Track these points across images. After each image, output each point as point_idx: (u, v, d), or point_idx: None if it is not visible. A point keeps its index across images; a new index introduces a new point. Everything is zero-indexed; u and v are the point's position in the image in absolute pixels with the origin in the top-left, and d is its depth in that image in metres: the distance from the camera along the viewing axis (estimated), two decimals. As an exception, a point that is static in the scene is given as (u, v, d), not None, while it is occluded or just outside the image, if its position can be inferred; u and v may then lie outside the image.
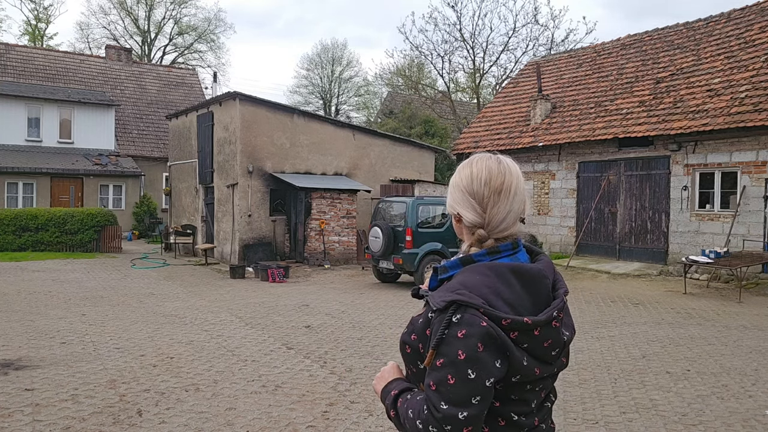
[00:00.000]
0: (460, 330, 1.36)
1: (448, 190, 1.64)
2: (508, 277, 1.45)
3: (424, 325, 1.46)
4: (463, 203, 1.58)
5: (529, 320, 1.39)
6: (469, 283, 1.43)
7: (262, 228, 16.23)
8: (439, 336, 1.37)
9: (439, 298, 1.43)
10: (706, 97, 14.41)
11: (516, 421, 1.48)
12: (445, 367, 1.36)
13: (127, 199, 25.05)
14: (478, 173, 1.57)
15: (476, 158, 1.61)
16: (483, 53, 31.74)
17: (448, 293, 1.42)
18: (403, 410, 1.46)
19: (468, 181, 1.58)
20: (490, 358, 1.36)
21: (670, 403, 5.30)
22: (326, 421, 4.81)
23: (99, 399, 5.22)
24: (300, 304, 10.28)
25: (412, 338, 1.50)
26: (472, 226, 1.56)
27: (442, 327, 1.37)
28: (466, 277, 1.46)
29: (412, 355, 1.51)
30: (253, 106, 16.13)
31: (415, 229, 12.33)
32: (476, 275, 1.45)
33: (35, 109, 24.79)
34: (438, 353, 1.37)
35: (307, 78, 45.48)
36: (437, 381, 1.37)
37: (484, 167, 1.57)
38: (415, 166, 19.32)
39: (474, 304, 1.37)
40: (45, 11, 45.69)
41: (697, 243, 13.89)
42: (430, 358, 1.38)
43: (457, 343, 1.35)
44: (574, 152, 16.99)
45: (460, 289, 1.41)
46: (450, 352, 1.35)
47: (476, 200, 1.55)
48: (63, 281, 12.51)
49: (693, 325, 8.80)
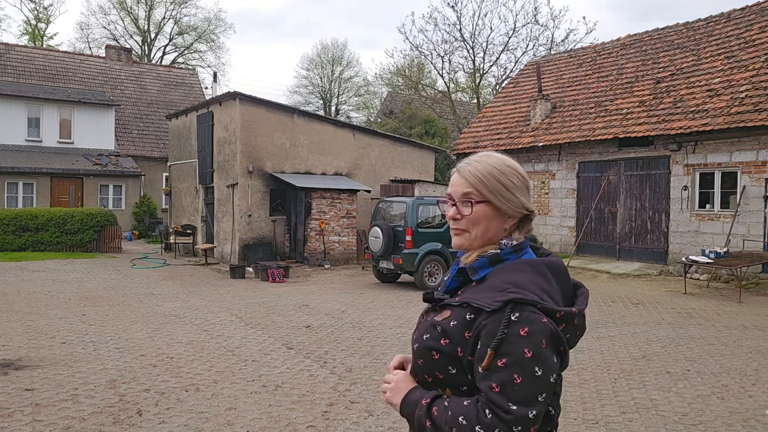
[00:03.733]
0: (522, 328, 1.34)
1: (468, 177, 1.54)
2: (544, 271, 1.46)
3: (461, 328, 1.41)
4: (514, 188, 1.53)
5: (576, 310, 1.43)
6: (517, 281, 1.42)
7: (262, 228, 16.23)
8: (500, 336, 1.34)
9: (489, 298, 1.39)
10: (706, 97, 14.41)
11: (552, 416, 1.48)
12: (509, 367, 1.33)
13: (127, 199, 25.05)
14: (511, 163, 1.56)
15: (491, 153, 1.59)
16: (483, 53, 31.77)
17: (497, 293, 1.39)
18: (446, 418, 1.37)
19: (506, 170, 1.54)
20: (551, 354, 1.36)
21: (670, 403, 5.30)
22: (326, 421, 4.81)
23: (99, 399, 5.22)
24: (300, 304, 10.28)
25: (442, 343, 1.43)
26: (521, 212, 1.54)
27: (501, 327, 1.34)
28: (510, 276, 1.44)
29: (441, 361, 1.44)
30: (253, 106, 16.13)
31: (415, 229, 12.33)
32: (517, 273, 1.44)
33: (35, 109, 24.79)
34: (499, 354, 1.33)
35: (307, 78, 45.53)
36: (501, 382, 1.33)
37: (509, 160, 1.58)
38: (415, 166, 19.32)
39: (531, 301, 1.37)
40: (45, 11, 45.69)
41: (697, 243, 13.89)
42: (489, 360, 1.34)
43: (522, 341, 1.34)
44: (574, 152, 17.00)
45: (510, 288, 1.39)
46: (514, 351, 1.33)
47: (525, 187, 1.56)
48: (63, 281, 12.50)
49: (693, 325, 8.80)
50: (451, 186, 1.59)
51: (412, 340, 1.56)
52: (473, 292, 1.46)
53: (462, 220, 1.54)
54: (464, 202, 1.53)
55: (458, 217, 1.54)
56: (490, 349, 1.34)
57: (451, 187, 1.58)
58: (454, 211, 1.55)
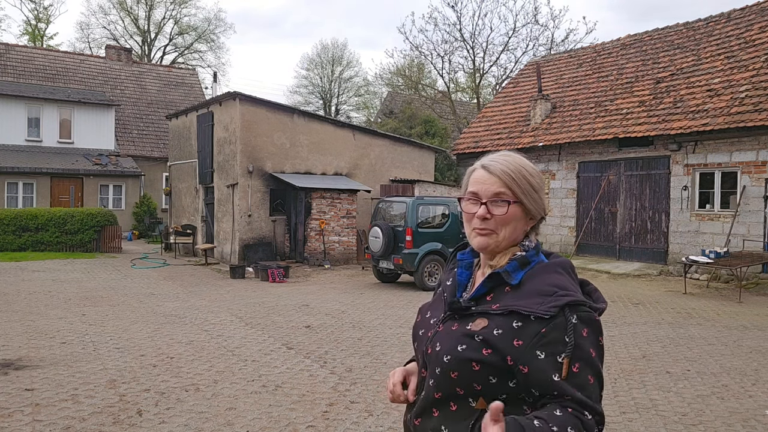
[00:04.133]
0: (583, 330, 1.34)
1: (501, 175, 1.49)
2: (570, 271, 1.47)
3: (509, 336, 1.36)
4: (540, 190, 1.53)
5: (605, 305, 1.45)
6: (560, 283, 1.41)
7: (262, 228, 16.23)
8: (571, 343, 1.32)
9: (539, 305, 1.36)
10: (706, 97, 14.42)
11: None
12: (583, 370, 1.33)
13: (127, 199, 25.05)
14: (532, 164, 1.56)
15: (512, 152, 1.58)
16: (483, 53, 31.75)
17: (545, 298, 1.37)
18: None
19: (534, 171, 1.53)
20: (603, 348, 1.39)
21: (670, 403, 5.30)
22: (326, 421, 4.81)
23: (99, 399, 5.22)
24: (300, 304, 10.28)
25: (484, 354, 1.37)
26: (541, 214, 1.54)
27: (569, 332, 1.33)
28: (550, 278, 1.42)
29: (482, 372, 1.38)
30: (253, 106, 16.13)
31: (415, 229, 12.33)
32: (555, 275, 1.43)
33: (35, 109, 24.78)
34: (572, 359, 1.32)
35: (307, 78, 45.50)
36: (580, 386, 1.32)
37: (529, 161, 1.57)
38: (415, 166, 19.32)
39: (584, 301, 1.37)
40: (45, 11, 45.67)
41: (697, 243, 13.89)
42: (567, 368, 1.32)
43: (586, 343, 1.34)
44: (574, 152, 17.00)
45: (559, 291, 1.38)
46: (583, 354, 1.33)
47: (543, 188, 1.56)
48: (63, 281, 12.50)
49: (693, 325, 8.80)
50: (479, 184, 1.50)
51: (432, 352, 1.47)
52: (514, 298, 1.41)
53: (491, 220, 1.47)
54: (497, 201, 1.47)
55: (488, 217, 1.47)
56: (564, 358, 1.32)
57: (479, 185, 1.50)
58: (484, 210, 1.47)
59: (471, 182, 1.53)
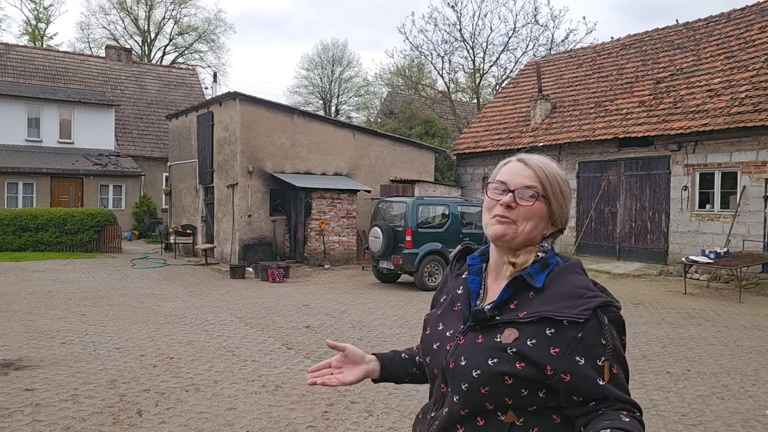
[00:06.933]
0: (612, 329, 1.34)
1: (537, 170, 1.47)
2: (585, 272, 1.46)
3: (545, 345, 1.32)
4: (568, 199, 1.51)
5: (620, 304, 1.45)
6: (585, 285, 1.39)
7: (262, 228, 16.23)
8: (609, 345, 1.31)
9: (570, 308, 1.33)
10: (706, 97, 14.42)
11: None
12: (620, 371, 1.33)
13: (127, 199, 25.05)
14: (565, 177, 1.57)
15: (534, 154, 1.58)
16: (483, 53, 31.75)
17: (575, 300, 1.34)
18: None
19: (566, 180, 1.51)
20: None
21: (670, 403, 5.30)
22: (326, 421, 4.81)
23: (99, 399, 5.22)
24: (300, 304, 10.28)
25: (518, 367, 1.32)
26: (562, 224, 1.52)
27: (604, 335, 1.31)
28: (574, 280, 1.40)
29: (515, 386, 1.33)
30: (253, 106, 16.13)
31: (415, 229, 12.33)
32: (577, 276, 1.42)
33: (35, 109, 24.79)
34: (612, 361, 1.31)
35: (307, 78, 45.48)
36: (621, 386, 1.32)
37: None
38: (415, 166, 19.32)
39: (611, 302, 1.36)
40: (45, 11, 45.60)
41: (697, 243, 13.89)
42: (608, 371, 1.30)
43: (616, 342, 1.34)
44: (574, 152, 17.00)
45: (587, 293, 1.36)
46: (615, 354, 1.33)
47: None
48: (63, 281, 12.50)
49: (693, 325, 8.80)
50: (510, 174, 1.47)
51: (456, 366, 1.41)
52: (541, 303, 1.36)
53: (515, 210, 1.43)
54: (525, 192, 1.44)
55: (513, 206, 1.43)
56: (605, 361, 1.30)
57: (510, 175, 1.47)
58: (510, 198, 1.43)
59: (502, 172, 1.50)
